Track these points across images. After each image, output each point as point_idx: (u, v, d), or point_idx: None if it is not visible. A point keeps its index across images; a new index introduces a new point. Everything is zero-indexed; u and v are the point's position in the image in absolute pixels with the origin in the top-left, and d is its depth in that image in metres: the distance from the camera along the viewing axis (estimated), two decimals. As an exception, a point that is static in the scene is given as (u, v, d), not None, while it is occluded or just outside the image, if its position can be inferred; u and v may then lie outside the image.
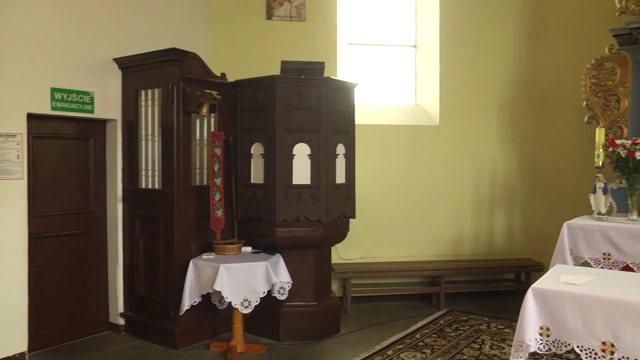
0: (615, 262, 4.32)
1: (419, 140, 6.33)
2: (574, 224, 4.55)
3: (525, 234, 6.51)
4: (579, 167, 5.90)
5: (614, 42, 5.28)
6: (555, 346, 2.77)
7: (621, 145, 4.77)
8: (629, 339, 2.55)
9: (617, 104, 5.27)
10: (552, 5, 6.37)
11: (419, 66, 6.58)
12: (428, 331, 5.13)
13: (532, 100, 6.45)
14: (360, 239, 6.01)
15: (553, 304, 2.76)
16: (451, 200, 6.39)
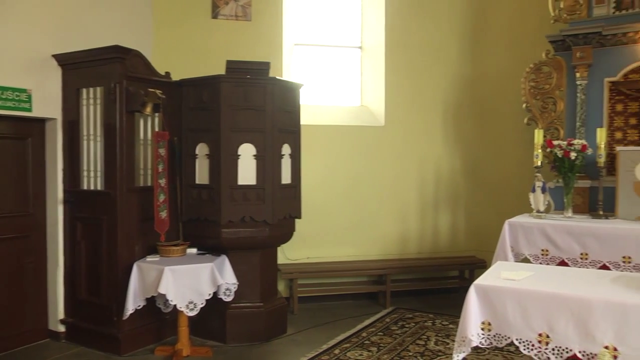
0: (553, 258, 4.51)
1: (365, 140, 6.40)
2: (514, 222, 4.71)
3: (469, 232, 6.68)
4: (520, 167, 6.09)
5: (550, 48, 5.49)
6: (496, 340, 2.85)
7: (558, 146, 4.98)
8: (562, 329, 2.67)
9: (554, 106, 5.47)
10: (493, 12, 6.57)
11: (364, 67, 6.66)
12: (374, 329, 5.19)
13: (475, 102, 6.64)
14: (306, 239, 6.02)
15: (494, 299, 2.84)
16: (396, 200, 6.50)
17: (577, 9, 5.36)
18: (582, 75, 5.25)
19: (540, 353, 2.73)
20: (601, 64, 5.21)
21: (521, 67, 5.69)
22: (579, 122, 5.25)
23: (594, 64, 5.22)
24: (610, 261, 4.29)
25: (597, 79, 5.23)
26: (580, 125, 5.24)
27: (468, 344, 2.85)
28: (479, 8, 6.62)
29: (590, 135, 5.08)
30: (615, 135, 5.30)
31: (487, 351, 4.45)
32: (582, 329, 2.63)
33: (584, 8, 5.33)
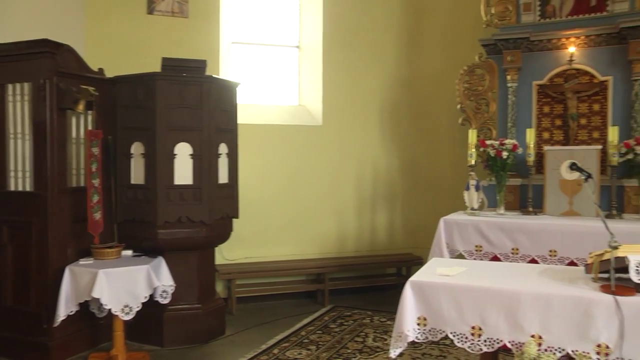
0: (486, 253, 4.69)
1: (303, 140, 6.42)
2: (449, 220, 4.86)
3: (406, 230, 6.82)
4: (454, 166, 6.27)
5: (483, 51, 5.68)
6: (432, 334, 2.94)
7: (490, 145, 5.17)
8: (494, 321, 2.79)
9: (486, 107, 5.67)
10: (429, 15, 6.75)
11: (302, 67, 6.68)
12: (313, 328, 5.22)
13: (412, 103, 6.78)
14: (244, 239, 5.99)
15: (429, 295, 2.92)
16: (334, 199, 6.56)
17: (507, 15, 5.59)
18: (513, 78, 5.47)
19: (473, 345, 2.83)
20: (530, 68, 5.45)
21: (456, 69, 5.85)
22: (510, 122, 5.47)
23: (523, 68, 5.45)
24: (539, 255, 4.51)
25: (526, 81, 5.47)
26: (512, 126, 5.46)
27: (404, 339, 2.92)
28: (416, 11, 6.77)
29: (520, 135, 5.31)
30: (543, 136, 5.54)
31: (423, 345, 4.56)
32: (511, 320, 2.75)
33: (513, 14, 5.56)
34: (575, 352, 2.63)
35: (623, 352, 2.55)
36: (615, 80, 5.22)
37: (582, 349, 2.62)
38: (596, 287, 2.78)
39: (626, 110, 5.17)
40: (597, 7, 5.34)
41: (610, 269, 2.69)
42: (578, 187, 4.84)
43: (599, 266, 2.88)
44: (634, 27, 4.98)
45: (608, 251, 2.74)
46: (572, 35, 5.32)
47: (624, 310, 2.55)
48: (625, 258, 2.67)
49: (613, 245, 2.70)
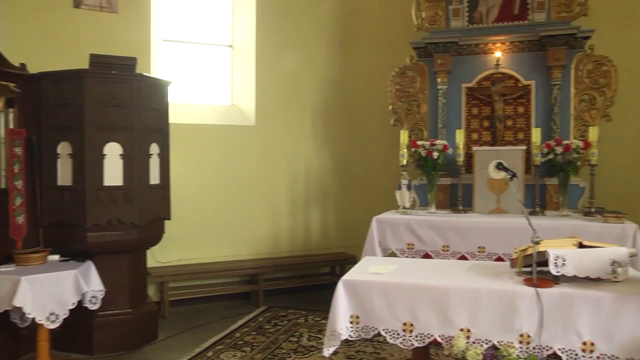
0: (418, 251, 4.82)
1: (236, 140, 6.37)
2: (382, 218, 4.96)
3: (339, 229, 6.89)
4: (387, 166, 6.36)
5: (414, 54, 5.82)
6: (364, 332, 2.99)
7: (421, 146, 5.30)
8: (424, 317, 2.87)
9: (417, 108, 5.81)
10: (362, 17, 6.84)
11: (235, 66, 6.62)
12: (248, 329, 5.19)
13: (344, 103, 6.86)
14: (177, 241, 5.88)
15: (361, 293, 2.98)
16: (268, 199, 6.54)
17: (437, 20, 5.76)
18: (443, 80, 5.64)
19: (405, 341, 2.90)
20: (459, 71, 5.64)
21: (388, 71, 5.95)
22: (440, 123, 5.63)
23: (453, 71, 5.63)
24: (468, 251, 4.68)
25: (455, 84, 5.66)
26: (442, 127, 5.62)
27: (337, 337, 2.96)
28: (348, 13, 6.85)
29: (450, 136, 5.47)
30: (472, 136, 5.75)
31: (357, 343, 4.62)
32: (441, 315, 2.85)
33: (443, 19, 5.74)
34: (500, 343, 2.76)
35: (542, 340, 2.71)
36: (537, 84, 5.49)
37: (507, 339, 2.75)
38: (520, 280, 2.92)
39: (547, 112, 5.44)
40: (519, 16, 5.60)
41: (532, 263, 2.82)
42: (505, 186, 5.04)
43: (523, 261, 3.02)
44: (551, 36, 5.27)
45: (531, 246, 2.88)
46: (497, 41, 5.56)
47: (544, 301, 2.70)
48: (546, 252, 2.81)
49: (535, 240, 2.84)
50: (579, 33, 5.28)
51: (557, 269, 2.78)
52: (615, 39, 5.76)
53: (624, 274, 2.85)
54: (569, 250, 2.87)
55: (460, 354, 2.74)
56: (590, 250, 2.92)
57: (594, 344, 2.67)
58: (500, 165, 3.51)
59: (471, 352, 2.70)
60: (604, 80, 5.37)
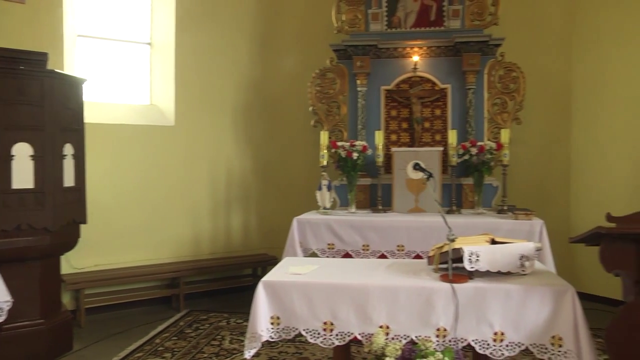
0: (338, 251, 4.89)
1: (155, 140, 6.20)
2: (302, 219, 4.98)
3: (261, 230, 6.85)
4: (308, 167, 6.39)
5: (334, 56, 5.89)
6: (285, 332, 3.00)
7: (341, 147, 5.38)
8: (344, 316, 2.91)
9: (337, 110, 5.89)
10: (282, 17, 6.84)
11: (154, 64, 6.45)
12: (168, 334, 5.06)
13: (266, 104, 6.83)
14: (94, 246, 5.63)
15: (281, 294, 2.98)
16: (189, 202, 6.41)
17: (356, 23, 5.87)
18: (362, 82, 5.74)
19: (325, 340, 2.93)
20: (378, 74, 5.76)
21: (309, 72, 6.01)
22: (360, 125, 5.73)
23: (372, 73, 5.74)
24: (388, 250, 4.80)
25: (374, 86, 5.78)
26: (362, 128, 5.73)
27: (258, 339, 2.95)
28: (270, 13, 6.84)
29: (370, 137, 5.58)
30: (391, 138, 5.89)
31: (280, 344, 4.61)
32: (361, 314, 2.90)
33: (362, 23, 5.86)
34: (418, 338, 2.84)
35: (457, 333, 2.82)
36: (453, 88, 5.71)
37: (425, 334, 2.85)
38: (436, 277, 3.01)
39: (463, 115, 5.66)
40: (436, 22, 5.81)
41: (448, 259, 2.92)
42: (423, 186, 5.19)
43: (439, 258, 3.12)
44: (466, 42, 5.52)
45: (447, 244, 2.98)
46: (415, 46, 5.73)
47: (459, 295, 2.81)
48: (461, 249, 2.91)
49: (451, 238, 2.94)
50: (490, 41, 5.55)
51: (472, 265, 2.89)
52: (524, 47, 6.09)
53: (531, 267, 3.03)
54: (482, 246, 2.99)
55: (380, 351, 2.79)
56: (501, 246, 3.06)
57: (504, 333, 2.82)
58: (417, 166, 3.62)
59: (390, 348, 2.76)
60: (514, 85, 5.68)
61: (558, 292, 2.80)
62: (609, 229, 2.69)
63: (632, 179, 5.70)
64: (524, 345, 2.81)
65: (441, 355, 2.70)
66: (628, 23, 5.76)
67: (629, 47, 5.75)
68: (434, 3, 5.82)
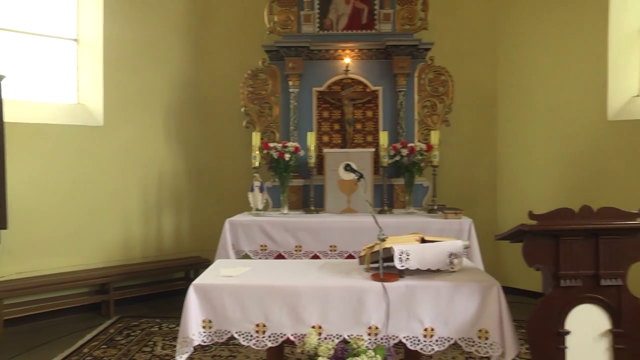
0: (271, 252, 4.89)
1: (83, 141, 5.96)
2: (234, 221, 4.95)
3: (194, 233, 6.74)
4: (241, 168, 6.30)
5: (266, 57, 5.88)
6: (218, 336, 2.95)
7: (273, 148, 5.37)
8: (277, 317, 2.91)
9: (270, 111, 5.88)
10: (215, 16, 6.77)
11: (80, 62, 6.20)
12: (97, 343, 4.88)
13: (198, 104, 6.73)
14: (15, 253, 5.36)
15: (213, 297, 2.94)
16: (119, 204, 6.21)
17: (289, 24, 5.87)
18: (294, 83, 5.76)
19: (258, 342, 2.91)
20: (310, 75, 5.79)
21: (241, 72, 5.95)
22: (292, 126, 5.74)
23: (304, 75, 5.77)
24: (320, 251, 4.83)
25: (307, 88, 5.81)
26: (294, 129, 5.73)
27: (190, 343, 2.90)
28: (202, 12, 6.74)
29: (302, 138, 5.60)
30: (323, 139, 5.93)
31: (213, 347, 4.55)
32: (293, 315, 2.90)
33: (295, 24, 5.87)
34: (350, 337, 2.87)
35: (389, 330, 2.87)
36: (384, 90, 5.81)
37: (357, 333, 2.88)
38: (368, 276, 3.05)
39: (394, 117, 5.77)
40: (367, 25, 5.90)
41: (379, 259, 2.97)
42: (355, 187, 5.25)
43: (370, 257, 3.17)
44: (396, 46, 5.63)
45: (377, 243, 3.02)
46: (347, 48, 5.80)
47: (390, 294, 2.86)
48: (391, 248, 2.96)
49: (381, 238, 2.98)
50: (420, 45, 5.70)
51: (402, 264, 2.95)
52: (452, 52, 6.28)
53: (459, 265, 3.12)
54: (412, 245, 3.06)
55: (313, 351, 2.80)
56: (431, 244, 3.14)
57: (434, 329, 2.89)
58: (348, 167, 3.66)
59: (323, 347, 2.77)
60: (443, 88, 5.84)
61: (484, 287, 2.90)
62: (530, 226, 2.79)
63: (553, 178, 6.01)
64: (453, 340, 2.90)
65: (373, 353, 2.73)
66: (546, 32, 6.08)
67: (547, 54, 6.06)
68: (366, 6, 5.90)
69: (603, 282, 2.79)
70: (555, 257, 2.80)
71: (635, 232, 2.81)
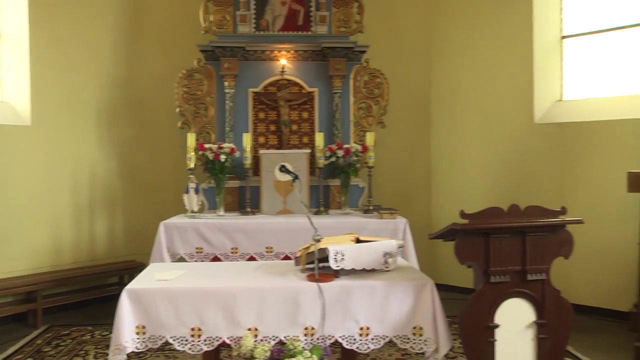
0: (207, 255, 4.84)
1: (7, 141, 5.65)
2: (169, 223, 4.86)
3: (128, 236, 6.55)
4: (177, 169, 6.21)
5: (201, 57, 5.80)
6: (152, 342, 2.89)
7: (209, 149, 5.31)
8: (212, 321, 2.87)
9: (205, 111, 5.80)
10: (148, 14, 6.61)
11: (4, 58, 5.88)
12: (22, 356, 4.64)
13: (132, 104, 6.55)
14: None
15: (146, 302, 2.87)
16: (48, 208, 5.95)
17: (224, 24, 5.82)
18: (230, 84, 5.71)
19: (193, 346, 2.87)
20: (246, 76, 5.76)
21: (176, 72, 5.84)
22: (228, 127, 5.69)
23: (240, 75, 5.73)
24: (257, 252, 4.83)
25: (242, 88, 5.78)
26: (229, 130, 5.69)
27: (123, 351, 2.82)
28: (135, 9, 6.55)
29: (238, 139, 5.55)
30: (259, 140, 5.91)
31: (148, 354, 4.45)
32: (229, 317, 2.87)
33: (231, 24, 5.83)
34: (287, 338, 2.87)
35: (325, 330, 2.89)
36: (320, 91, 5.86)
37: (293, 334, 2.89)
38: (303, 277, 3.07)
39: (330, 118, 5.83)
40: (303, 27, 5.93)
41: (314, 259, 2.98)
42: (291, 188, 5.26)
43: (306, 258, 3.18)
44: (332, 48, 5.70)
45: (313, 244, 3.04)
46: (283, 49, 5.81)
47: (325, 294, 2.88)
48: (326, 249, 2.99)
49: (316, 238, 3.00)
50: (356, 47, 5.77)
51: (337, 264, 2.98)
52: (387, 55, 6.41)
53: (394, 264, 3.18)
54: (347, 245, 3.09)
55: (249, 353, 2.79)
56: (365, 244, 3.18)
57: (370, 327, 2.94)
58: (283, 168, 3.66)
59: (259, 349, 2.77)
60: (378, 90, 5.94)
61: (418, 285, 2.97)
62: (462, 224, 2.88)
63: (484, 178, 6.23)
64: (388, 338, 2.95)
65: (309, 354, 2.75)
66: (477, 38, 6.32)
67: (478, 60, 6.31)
68: (302, 8, 5.92)
69: (529, 276, 2.92)
70: (485, 254, 2.90)
71: (558, 228, 2.95)
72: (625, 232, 4.97)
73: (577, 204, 5.18)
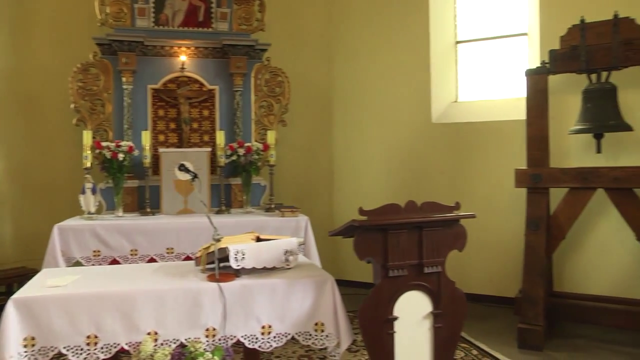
0: (105, 258, 4.65)
1: None
2: (64, 226, 4.63)
3: (18, 241, 6.14)
4: (71, 169, 5.91)
5: (97, 50, 5.55)
6: (42, 354, 2.71)
7: (106, 147, 5.11)
8: (110, 327, 2.77)
9: (102, 108, 5.57)
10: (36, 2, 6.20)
11: None
12: None
13: (21, 99, 6.14)
14: None
15: (37, 311, 2.70)
16: None
17: (122, 17, 5.62)
18: (128, 80, 5.52)
19: (89, 355, 2.75)
20: (145, 71, 5.60)
21: (70, 66, 5.56)
22: (126, 124, 5.50)
23: (139, 71, 5.55)
24: (157, 254, 4.71)
25: (141, 84, 5.61)
26: (128, 128, 5.50)
27: (10, 366, 2.63)
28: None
29: (137, 137, 5.39)
30: (159, 138, 5.76)
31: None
32: (127, 322, 2.78)
33: (128, 17, 5.63)
34: (188, 340, 2.83)
35: (226, 331, 2.89)
36: (221, 89, 5.80)
37: (194, 336, 2.85)
38: (204, 277, 3.04)
39: (231, 116, 5.78)
40: (204, 23, 5.85)
41: (215, 259, 2.97)
42: (192, 187, 5.15)
43: (206, 258, 3.16)
44: (233, 45, 5.66)
45: (213, 244, 3.02)
46: (183, 45, 5.70)
47: (226, 294, 2.88)
48: (227, 248, 2.98)
49: (216, 238, 2.99)
50: (257, 45, 5.77)
51: (238, 263, 2.98)
52: (289, 54, 6.44)
53: (294, 261, 3.23)
54: (247, 244, 3.10)
55: (149, 358, 2.72)
56: (266, 243, 3.21)
57: (271, 326, 2.96)
58: (182, 167, 3.59)
59: (159, 354, 2.71)
60: (279, 89, 5.97)
61: (318, 282, 3.03)
62: (360, 221, 2.96)
63: (384, 176, 6.44)
64: (290, 335, 2.99)
65: (210, 355, 2.73)
66: (376, 40, 6.49)
67: (378, 61, 6.48)
68: (202, 4, 5.83)
69: (426, 269, 3.06)
70: (384, 249, 3.00)
71: (453, 223, 3.12)
72: (512, 225, 5.35)
73: (471, 199, 5.49)
